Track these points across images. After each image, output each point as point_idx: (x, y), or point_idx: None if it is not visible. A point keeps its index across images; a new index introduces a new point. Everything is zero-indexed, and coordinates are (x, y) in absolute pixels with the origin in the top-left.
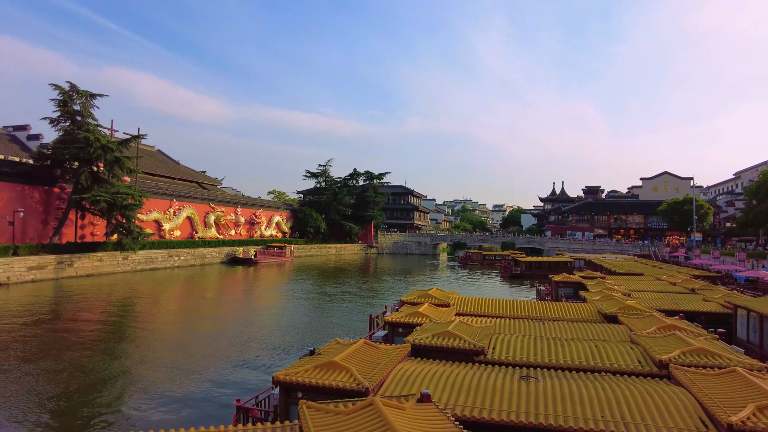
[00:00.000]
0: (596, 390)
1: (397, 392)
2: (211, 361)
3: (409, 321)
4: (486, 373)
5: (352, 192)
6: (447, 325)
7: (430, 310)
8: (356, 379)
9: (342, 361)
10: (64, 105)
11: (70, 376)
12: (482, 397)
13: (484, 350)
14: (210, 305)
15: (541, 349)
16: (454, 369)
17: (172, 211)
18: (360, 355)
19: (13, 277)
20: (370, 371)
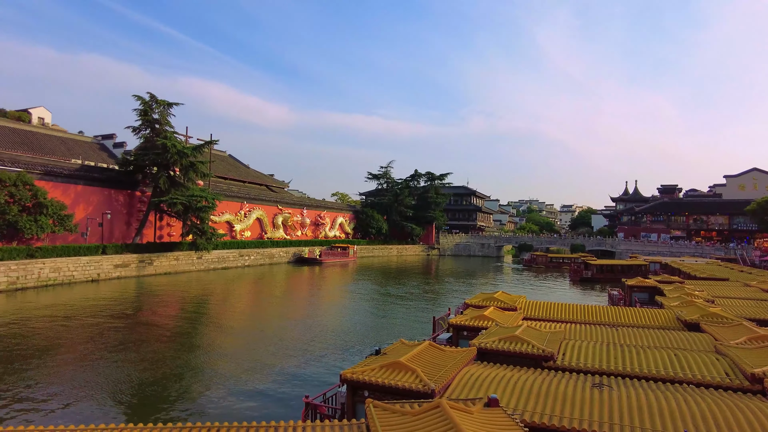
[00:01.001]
0: (678, 402)
1: (463, 395)
2: (279, 357)
3: (474, 324)
4: (556, 380)
5: (414, 193)
6: (514, 330)
7: (495, 313)
8: (422, 380)
9: (408, 362)
10: (144, 114)
11: (148, 368)
12: (552, 403)
13: (553, 356)
14: (278, 303)
15: (615, 357)
16: (522, 374)
17: (242, 212)
18: (425, 356)
19: (102, 274)
20: (436, 373)
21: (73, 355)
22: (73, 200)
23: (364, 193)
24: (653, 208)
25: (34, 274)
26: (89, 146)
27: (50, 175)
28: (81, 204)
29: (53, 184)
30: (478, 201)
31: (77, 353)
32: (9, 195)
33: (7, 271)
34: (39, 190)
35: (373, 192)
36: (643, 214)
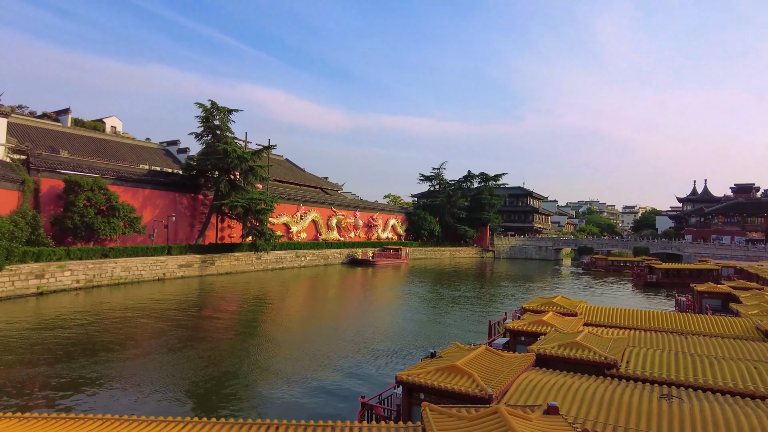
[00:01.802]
0: (759, 419)
1: (521, 402)
2: (334, 357)
3: (532, 329)
4: (620, 388)
5: (467, 194)
6: (575, 336)
7: (555, 318)
8: (479, 385)
9: (464, 366)
10: (206, 121)
11: (209, 364)
12: (616, 413)
13: (616, 363)
14: (333, 303)
15: (685, 367)
16: (583, 382)
17: (299, 214)
18: (482, 361)
19: (168, 273)
20: (493, 378)
21: (140, 350)
22: (141, 203)
23: (416, 195)
24: (726, 209)
25: (107, 272)
26: (155, 152)
27: (121, 180)
28: (148, 207)
29: (124, 189)
30: (535, 202)
31: (144, 348)
32: (86, 199)
33: (85, 269)
34: (112, 194)
35: (426, 194)
36: (714, 215)
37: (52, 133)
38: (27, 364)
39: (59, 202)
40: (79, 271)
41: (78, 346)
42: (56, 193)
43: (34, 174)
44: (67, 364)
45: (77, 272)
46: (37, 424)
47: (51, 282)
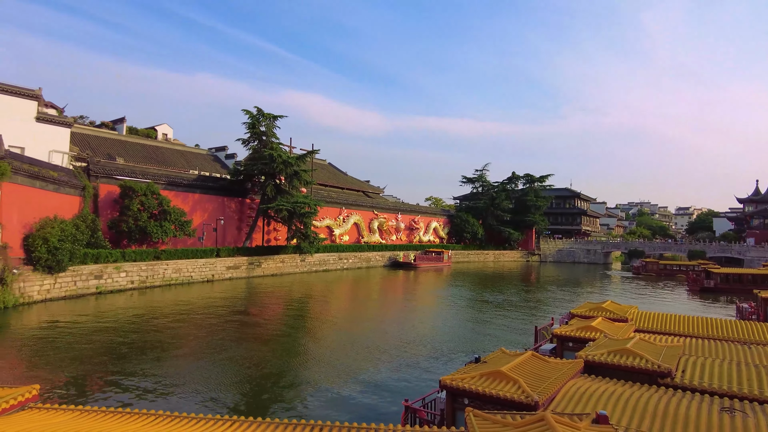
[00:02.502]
0: None
1: (569, 410)
2: (376, 359)
3: (580, 335)
4: (675, 399)
5: (511, 196)
6: (625, 342)
7: (604, 324)
8: (525, 391)
9: (509, 372)
10: (252, 127)
11: (253, 364)
12: (671, 425)
13: (671, 372)
14: (375, 305)
15: (748, 378)
16: (635, 391)
17: (341, 217)
18: (528, 367)
19: (216, 275)
20: (539, 385)
21: (188, 349)
22: (191, 207)
23: (458, 198)
24: None
25: (159, 274)
26: (204, 158)
27: (173, 185)
28: (198, 211)
29: (175, 193)
30: (583, 204)
31: (192, 348)
32: (140, 203)
33: (138, 271)
34: (164, 199)
35: (468, 196)
36: None
37: (109, 141)
38: (85, 360)
39: (115, 207)
40: (134, 273)
41: (131, 344)
42: (113, 198)
43: (94, 180)
44: (120, 361)
45: (132, 273)
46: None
47: (108, 282)
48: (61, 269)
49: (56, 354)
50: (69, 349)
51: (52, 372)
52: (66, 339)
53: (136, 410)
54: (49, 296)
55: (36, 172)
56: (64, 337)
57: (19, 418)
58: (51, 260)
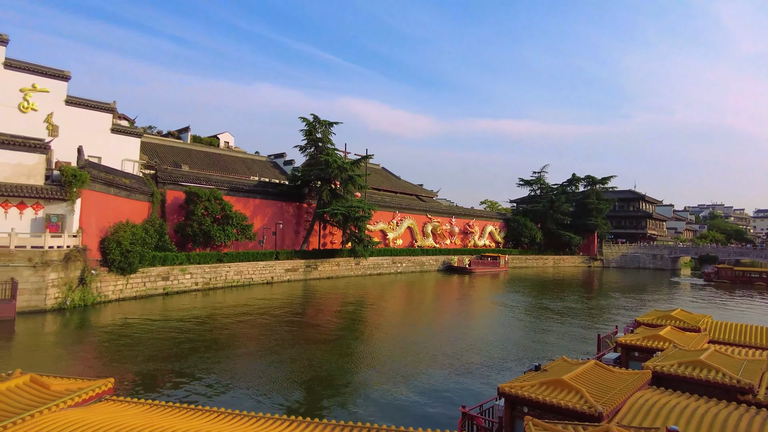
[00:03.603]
0: None
1: (635, 422)
2: (432, 364)
3: (647, 345)
4: (759, 418)
5: (571, 199)
6: (698, 354)
7: (673, 334)
8: (588, 401)
9: (571, 381)
10: (309, 134)
11: (309, 366)
12: None
13: (753, 389)
14: (430, 310)
15: None
16: (711, 406)
17: (395, 221)
18: (590, 376)
19: (276, 277)
20: (603, 395)
21: (247, 348)
22: (251, 212)
23: (515, 201)
24: None
25: (222, 276)
26: (264, 164)
27: (234, 190)
28: (258, 215)
29: (236, 199)
30: (648, 206)
31: (251, 347)
32: (204, 208)
33: (202, 273)
34: (226, 204)
35: (526, 199)
36: None
37: (175, 149)
38: (153, 356)
39: (181, 212)
40: (198, 275)
41: (194, 342)
42: (179, 203)
43: (161, 186)
44: (184, 359)
45: (196, 275)
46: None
47: (174, 284)
48: (133, 271)
49: (128, 350)
50: (139, 345)
51: (124, 367)
52: (136, 336)
53: (200, 407)
54: (122, 296)
55: (111, 179)
56: (134, 334)
57: (96, 409)
58: (123, 262)
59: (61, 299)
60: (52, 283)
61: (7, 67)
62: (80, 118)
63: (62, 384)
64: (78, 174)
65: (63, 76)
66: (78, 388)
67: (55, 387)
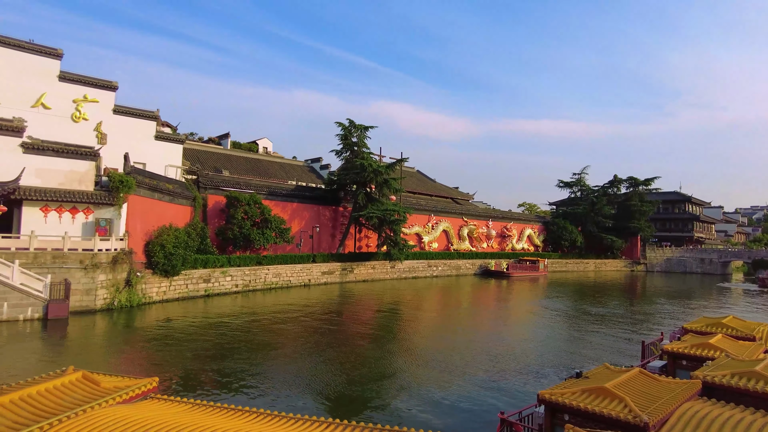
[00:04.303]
0: None
1: None
2: (469, 369)
3: (696, 353)
4: None
5: (613, 201)
6: (754, 364)
7: (725, 342)
8: (632, 410)
9: (614, 389)
10: (345, 138)
11: (345, 368)
12: None
13: None
14: (466, 314)
15: None
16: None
17: (430, 225)
18: (635, 384)
19: (312, 279)
20: (649, 405)
21: (285, 350)
22: (289, 216)
23: (554, 203)
24: None
25: (261, 278)
26: (301, 169)
27: (273, 195)
28: (296, 219)
29: (275, 203)
30: (695, 208)
31: (288, 349)
32: (244, 212)
33: (242, 275)
34: (265, 208)
35: (566, 201)
36: None
37: (216, 155)
38: (195, 356)
39: (222, 216)
40: (238, 277)
41: (234, 343)
42: (219, 207)
43: (203, 191)
44: (225, 359)
45: (236, 277)
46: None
47: (215, 286)
48: (175, 273)
49: (171, 350)
50: (181, 345)
51: (168, 366)
52: (179, 337)
53: (239, 407)
54: (166, 297)
55: (155, 185)
56: (177, 335)
57: (142, 406)
58: (167, 265)
59: (109, 300)
60: (101, 285)
61: (62, 79)
62: (127, 126)
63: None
64: (125, 180)
65: (111, 87)
66: (125, 385)
67: (104, 384)
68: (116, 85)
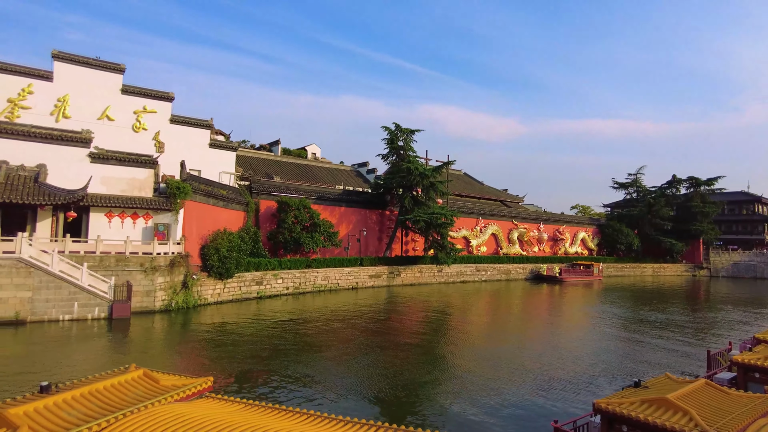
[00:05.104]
0: None
1: None
2: (518, 376)
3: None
4: None
5: (672, 202)
6: None
7: None
8: (698, 425)
9: (677, 401)
10: (391, 142)
11: (393, 372)
12: None
13: None
14: (517, 320)
15: None
16: None
17: (478, 228)
18: (700, 397)
19: (360, 282)
20: (717, 420)
21: (333, 352)
22: (337, 220)
23: (608, 205)
24: None
25: (310, 281)
26: (348, 173)
27: (321, 199)
28: (343, 223)
29: (323, 207)
30: (765, 209)
31: (337, 351)
32: (294, 217)
33: (292, 278)
34: (314, 212)
35: (620, 203)
36: None
37: (267, 161)
38: (247, 356)
39: (273, 220)
40: (288, 279)
41: (285, 344)
42: (271, 212)
43: (255, 196)
44: (275, 360)
45: (287, 280)
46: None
47: (267, 288)
48: (229, 276)
49: (225, 350)
50: (235, 346)
51: (222, 365)
52: (232, 337)
53: (290, 408)
54: (220, 299)
55: (210, 190)
56: (230, 335)
57: (199, 405)
58: (221, 268)
59: (167, 301)
60: (160, 287)
61: (124, 92)
62: (183, 135)
63: (169, 380)
64: (181, 186)
65: (168, 98)
66: (182, 384)
67: (163, 382)
68: (173, 96)
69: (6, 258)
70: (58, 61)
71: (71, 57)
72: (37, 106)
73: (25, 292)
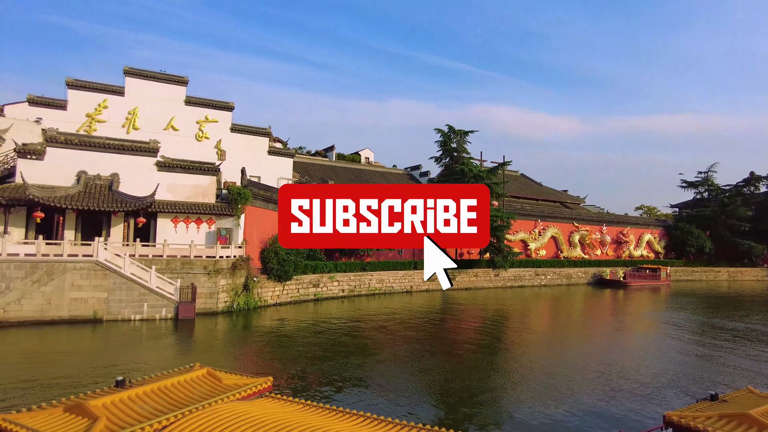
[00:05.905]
0: None
1: None
2: (580, 385)
3: None
4: None
5: (750, 202)
6: None
7: None
8: None
9: (762, 417)
10: (444, 144)
11: (448, 377)
12: None
13: None
14: (578, 326)
15: None
16: None
17: (536, 231)
18: None
19: (414, 286)
20: None
21: (388, 355)
22: None
23: (676, 205)
24: None
25: (365, 284)
26: (401, 177)
27: None
28: None
29: None
30: None
31: (391, 354)
32: None
33: (348, 281)
34: None
35: (690, 203)
36: None
37: (322, 167)
38: (304, 357)
39: None
40: (344, 282)
41: (341, 346)
42: None
43: None
44: (331, 362)
45: (342, 283)
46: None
47: (323, 291)
48: (288, 278)
49: (284, 350)
50: (293, 347)
51: (281, 365)
52: (291, 338)
53: (347, 409)
54: (279, 301)
55: (269, 196)
56: (289, 336)
57: (259, 404)
58: (280, 270)
59: (229, 303)
60: (222, 289)
61: (187, 103)
62: (243, 143)
63: (231, 379)
64: (242, 192)
65: (228, 107)
66: (244, 383)
67: (225, 381)
68: (233, 106)
69: (85, 261)
70: (129, 77)
71: (140, 72)
72: (111, 119)
73: (101, 293)
